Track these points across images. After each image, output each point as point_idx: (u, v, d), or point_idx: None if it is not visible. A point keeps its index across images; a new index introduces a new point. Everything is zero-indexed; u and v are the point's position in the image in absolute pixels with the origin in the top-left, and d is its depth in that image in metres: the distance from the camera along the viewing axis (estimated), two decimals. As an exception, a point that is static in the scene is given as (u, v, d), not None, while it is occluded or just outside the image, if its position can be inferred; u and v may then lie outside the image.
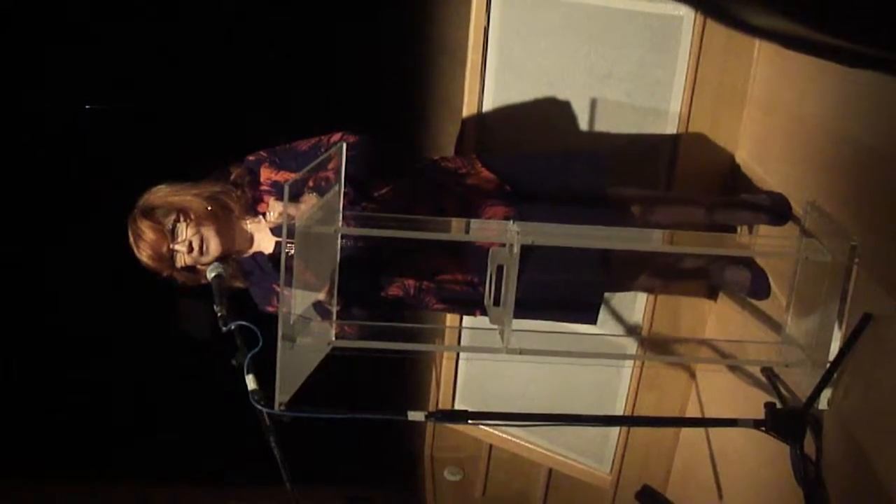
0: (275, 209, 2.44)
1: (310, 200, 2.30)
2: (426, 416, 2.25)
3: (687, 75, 2.90)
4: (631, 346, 3.29)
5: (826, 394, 2.33)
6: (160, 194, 2.47)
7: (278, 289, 2.23)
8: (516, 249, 2.16)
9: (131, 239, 2.44)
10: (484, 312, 2.49)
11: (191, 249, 2.42)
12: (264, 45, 6.85)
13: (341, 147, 2.22)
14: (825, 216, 2.41)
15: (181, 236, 2.42)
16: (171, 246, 2.42)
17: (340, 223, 2.25)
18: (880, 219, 2.23)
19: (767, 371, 2.67)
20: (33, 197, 6.22)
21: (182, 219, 2.42)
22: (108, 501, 4.56)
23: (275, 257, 2.52)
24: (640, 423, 3.39)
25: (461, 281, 2.56)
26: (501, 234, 2.26)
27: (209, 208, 2.44)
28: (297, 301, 2.08)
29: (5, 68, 6.26)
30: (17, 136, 6.36)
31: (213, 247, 2.44)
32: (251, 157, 2.58)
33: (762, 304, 2.82)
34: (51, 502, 4.60)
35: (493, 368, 3.49)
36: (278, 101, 6.78)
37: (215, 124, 6.27)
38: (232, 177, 2.53)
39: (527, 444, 3.70)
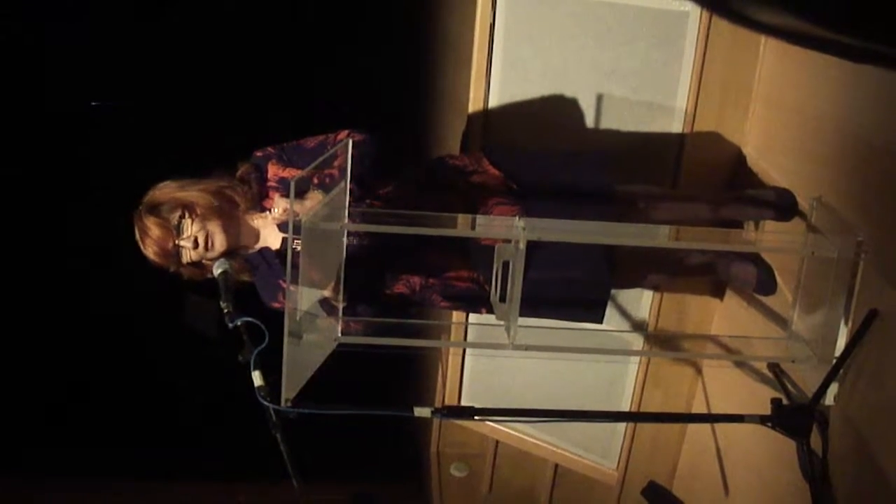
0: (280, 205, 2.45)
1: (315, 197, 2.30)
2: (432, 412, 2.25)
3: (693, 71, 2.90)
4: (637, 342, 3.29)
5: (832, 389, 2.33)
6: (165, 190, 2.47)
7: (285, 285, 2.24)
8: (522, 246, 2.16)
9: (137, 235, 2.45)
10: (490, 310, 2.49)
11: (196, 245, 2.42)
12: (272, 44, 6.85)
13: (347, 144, 2.22)
14: (831, 212, 2.41)
15: (186, 232, 2.42)
16: (176, 242, 2.42)
17: (346, 220, 2.25)
18: (886, 214, 2.22)
19: (774, 367, 2.67)
20: (35, 192, 6.24)
21: (187, 215, 2.42)
22: (117, 496, 4.58)
23: (281, 253, 2.52)
24: (646, 419, 3.39)
25: (466, 278, 2.57)
26: (507, 231, 2.26)
27: (214, 203, 2.44)
28: (304, 297, 2.08)
29: (13, 67, 6.28)
30: (21, 134, 6.38)
31: (219, 242, 2.44)
32: (258, 153, 2.58)
33: (768, 300, 2.82)
34: (57, 499, 4.61)
35: (500, 364, 3.49)
36: (286, 98, 6.79)
37: (222, 121, 6.28)
38: (238, 172, 2.53)
39: (533, 440, 3.70)
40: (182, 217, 2.42)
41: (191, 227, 2.42)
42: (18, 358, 5.54)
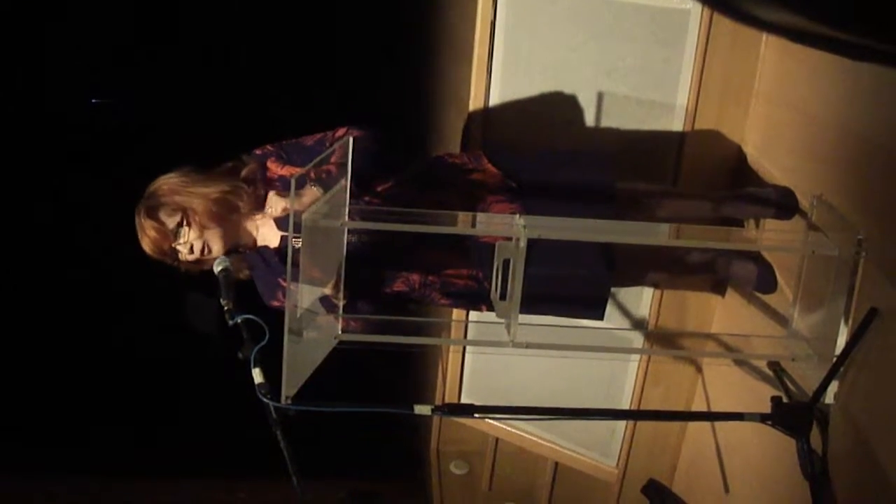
0: (275, 204, 2.44)
1: (312, 193, 2.30)
2: (432, 410, 2.25)
3: (693, 69, 2.90)
4: (637, 340, 3.29)
5: (832, 388, 2.33)
6: (167, 187, 2.46)
7: (284, 283, 2.23)
8: (523, 243, 2.16)
9: (137, 229, 2.45)
10: (490, 307, 2.48)
11: (191, 251, 2.43)
12: (271, 40, 6.85)
13: (346, 142, 2.22)
14: (832, 210, 2.41)
15: (183, 238, 2.42)
16: (172, 245, 2.43)
17: (347, 217, 2.25)
18: (887, 213, 2.22)
19: (774, 365, 2.67)
20: (33, 190, 6.24)
21: (185, 221, 2.42)
22: (118, 496, 4.58)
23: (281, 251, 2.52)
24: (646, 417, 3.39)
25: (466, 276, 2.56)
26: (508, 228, 2.26)
27: (214, 211, 2.44)
28: (304, 295, 2.08)
29: (16, 66, 6.28)
30: (23, 131, 6.38)
31: (216, 250, 2.44)
32: (258, 151, 2.58)
33: (769, 299, 2.82)
34: (58, 499, 4.61)
35: (500, 362, 3.49)
36: (285, 95, 6.78)
37: (221, 119, 6.28)
38: (244, 172, 2.53)
39: (533, 438, 3.70)
40: (180, 224, 2.42)
41: (188, 234, 2.42)
42: (17, 357, 5.54)
